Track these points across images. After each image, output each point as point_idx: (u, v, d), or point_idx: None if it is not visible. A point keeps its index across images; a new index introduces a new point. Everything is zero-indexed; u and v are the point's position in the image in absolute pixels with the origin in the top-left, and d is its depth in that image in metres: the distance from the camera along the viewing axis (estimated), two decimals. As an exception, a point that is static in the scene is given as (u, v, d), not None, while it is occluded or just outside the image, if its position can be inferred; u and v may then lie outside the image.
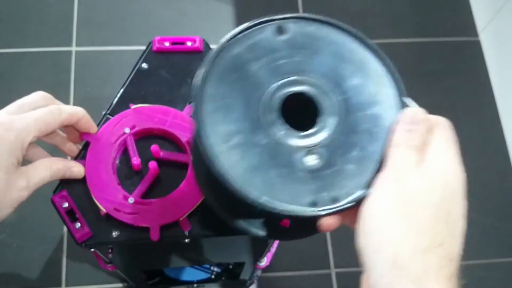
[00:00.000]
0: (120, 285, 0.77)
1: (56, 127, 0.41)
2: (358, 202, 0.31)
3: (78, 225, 0.43)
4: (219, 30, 0.96)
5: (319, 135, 0.33)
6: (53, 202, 0.44)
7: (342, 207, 0.32)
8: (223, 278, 0.70)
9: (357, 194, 0.32)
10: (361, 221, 0.30)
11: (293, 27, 0.36)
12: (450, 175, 0.30)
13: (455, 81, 0.96)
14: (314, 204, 0.31)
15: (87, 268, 0.78)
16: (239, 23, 0.98)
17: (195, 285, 0.69)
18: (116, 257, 0.57)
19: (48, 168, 0.41)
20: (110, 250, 0.52)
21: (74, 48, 0.92)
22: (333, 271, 0.82)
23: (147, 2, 0.98)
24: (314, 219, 0.32)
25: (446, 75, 0.97)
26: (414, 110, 0.34)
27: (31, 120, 0.39)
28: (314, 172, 0.32)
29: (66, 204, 0.44)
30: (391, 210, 0.29)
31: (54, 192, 0.45)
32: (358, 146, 0.33)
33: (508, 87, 0.94)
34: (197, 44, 0.53)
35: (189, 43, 0.53)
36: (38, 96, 0.42)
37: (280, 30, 0.36)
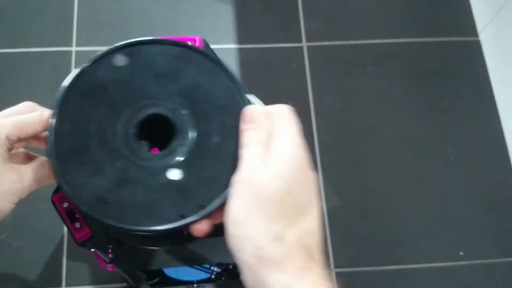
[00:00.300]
0: (120, 285, 0.77)
1: (38, 128, 0.41)
2: (221, 205, 0.33)
3: (78, 225, 0.44)
4: (219, 30, 0.96)
5: (178, 150, 0.35)
6: (53, 202, 0.44)
7: (207, 213, 0.34)
8: (223, 278, 0.70)
9: (219, 198, 0.34)
10: (225, 224, 0.32)
11: (137, 52, 0.38)
12: (291, 159, 0.32)
13: (455, 81, 0.96)
14: (183, 216, 0.33)
15: (87, 268, 0.78)
16: (239, 23, 0.98)
17: (195, 285, 0.69)
18: (116, 257, 0.57)
19: (38, 171, 0.41)
20: (110, 250, 0.52)
21: (74, 48, 0.93)
22: (333, 271, 0.82)
23: (147, 2, 0.98)
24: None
25: (446, 75, 0.97)
26: (252, 107, 0.35)
27: (9, 120, 0.39)
28: (178, 185, 0.34)
29: (66, 204, 0.44)
30: (244, 208, 0.31)
31: (54, 192, 0.45)
32: (215, 153, 0.35)
33: (508, 87, 0.94)
34: (197, 44, 0.53)
35: (189, 43, 0.53)
36: (22, 105, 0.43)
37: (125, 56, 0.37)
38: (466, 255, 0.84)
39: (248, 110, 0.35)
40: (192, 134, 0.35)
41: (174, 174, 0.34)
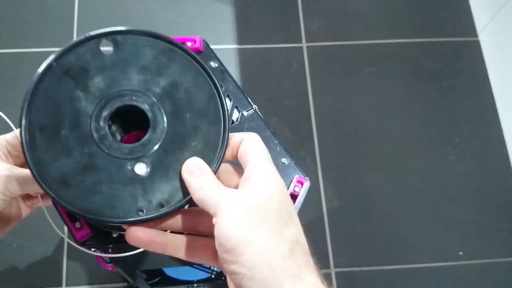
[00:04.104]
0: (120, 285, 0.77)
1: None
2: (178, 208, 0.33)
3: (78, 224, 0.44)
4: (219, 30, 0.96)
5: (148, 145, 0.35)
6: (53, 202, 0.44)
7: (165, 212, 0.33)
8: (223, 278, 0.70)
9: (182, 201, 0.34)
10: (223, 248, 0.30)
11: (121, 40, 0.36)
12: (276, 183, 0.33)
13: (454, 81, 0.96)
14: (141, 211, 0.33)
15: (87, 268, 0.78)
16: (239, 23, 0.98)
17: (195, 285, 0.69)
18: (117, 256, 0.57)
19: (18, 180, 0.39)
20: (110, 250, 0.52)
21: (74, 48, 0.93)
22: (333, 271, 0.82)
23: (147, 2, 0.98)
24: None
25: (446, 75, 0.97)
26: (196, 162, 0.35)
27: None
28: (143, 180, 0.34)
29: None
30: (245, 226, 0.30)
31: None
32: (184, 154, 0.35)
33: (507, 87, 0.94)
34: (197, 45, 0.53)
35: (189, 43, 0.53)
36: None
37: (110, 43, 0.36)
38: (466, 255, 0.84)
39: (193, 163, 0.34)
40: (164, 132, 0.35)
41: (141, 169, 0.34)
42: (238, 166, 0.36)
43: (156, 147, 0.35)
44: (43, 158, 0.33)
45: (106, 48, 0.36)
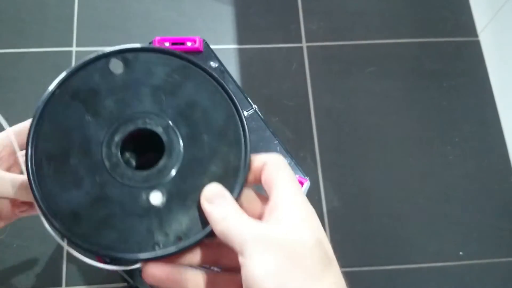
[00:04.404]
0: (120, 285, 0.77)
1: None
2: (198, 242, 0.30)
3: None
4: (219, 30, 0.96)
5: (164, 172, 0.32)
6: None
7: (185, 246, 0.30)
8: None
9: (201, 232, 0.31)
10: None
11: (131, 58, 0.34)
12: (310, 216, 0.29)
13: (454, 81, 0.96)
14: (157, 245, 0.30)
15: (87, 268, 0.78)
16: (239, 23, 0.98)
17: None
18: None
19: (13, 184, 0.37)
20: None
21: (74, 48, 0.93)
22: (333, 271, 0.82)
23: (147, 2, 0.98)
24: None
25: (446, 75, 0.97)
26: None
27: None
28: (159, 211, 0.31)
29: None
30: (279, 269, 0.26)
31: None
32: (204, 180, 0.32)
33: (507, 87, 0.94)
34: (197, 45, 0.53)
35: (189, 43, 0.53)
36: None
37: (120, 62, 0.34)
38: (466, 255, 0.84)
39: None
40: (181, 156, 0.32)
41: (156, 198, 0.31)
42: (260, 190, 0.32)
43: (172, 174, 0.32)
44: (52, 190, 0.31)
45: (116, 68, 0.34)
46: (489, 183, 0.90)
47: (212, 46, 0.55)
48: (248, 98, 0.56)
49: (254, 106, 0.55)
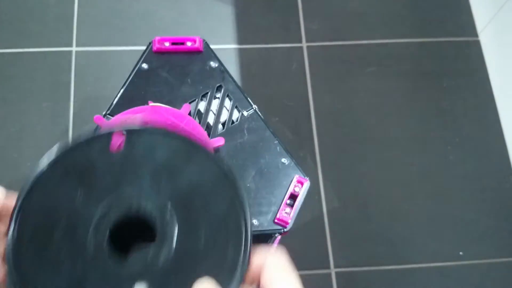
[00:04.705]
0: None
1: None
2: None
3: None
4: (219, 30, 0.96)
5: (153, 261, 0.30)
6: None
7: None
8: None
9: None
10: None
11: (133, 138, 0.32)
12: None
13: (455, 81, 0.96)
14: None
15: None
16: (239, 23, 0.98)
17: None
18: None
19: None
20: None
21: (74, 48, 0.93)
22: (333, 271, 0.82)
23: (147, 2, 0.98)
24: None
25: (446, 75, 0.97)
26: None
27: None
28: None
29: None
30: None
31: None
32: (194, 274, 0.30)
33: (508, 87, 0.94)
34: (197, 44, 0.53)
35: (189, 43, 0.53)
36: None
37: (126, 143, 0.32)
38: (466, 255, 0.84)
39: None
40: (173, 246, 0.30)
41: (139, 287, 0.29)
42: None
43: (160, 265, 0.29)
44: (28, 272, 0.29)
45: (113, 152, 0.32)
46: (489, 183, 0.90)
47: (212, 46, 0.55)
48: (248, 98, 0.56)
49: (254, 106, 0.55)
